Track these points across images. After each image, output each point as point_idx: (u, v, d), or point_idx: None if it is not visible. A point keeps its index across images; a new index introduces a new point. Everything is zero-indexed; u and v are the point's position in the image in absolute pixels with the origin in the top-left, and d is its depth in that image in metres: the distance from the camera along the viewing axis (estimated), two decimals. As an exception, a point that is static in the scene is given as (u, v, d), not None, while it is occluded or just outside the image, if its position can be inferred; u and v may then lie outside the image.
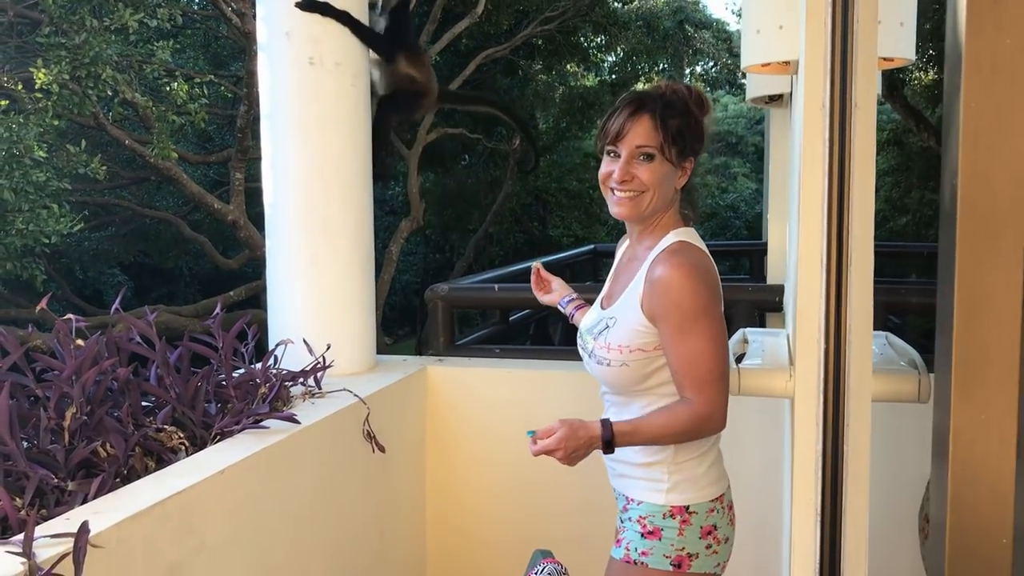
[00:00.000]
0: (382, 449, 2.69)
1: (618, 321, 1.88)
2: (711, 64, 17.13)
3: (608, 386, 1.94)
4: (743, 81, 19.30)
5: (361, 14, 2.93)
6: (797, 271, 1.78)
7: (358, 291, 2.99)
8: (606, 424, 1.80)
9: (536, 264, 2.26)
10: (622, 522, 1.96)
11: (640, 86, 16.12)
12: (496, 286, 3.49)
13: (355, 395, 2.62)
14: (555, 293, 2.26)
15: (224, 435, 2.25)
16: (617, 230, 15.34)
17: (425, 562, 3.16)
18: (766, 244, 4.02)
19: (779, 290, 3.11)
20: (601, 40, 13.45)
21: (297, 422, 2.32)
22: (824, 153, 1.72)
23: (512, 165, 11.61)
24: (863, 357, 1.71)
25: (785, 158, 3.12)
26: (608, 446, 1.79)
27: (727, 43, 17.78)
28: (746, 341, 2.49)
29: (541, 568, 1.73)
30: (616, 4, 12.76)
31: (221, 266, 10.59)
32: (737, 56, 18.85)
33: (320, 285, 2.91)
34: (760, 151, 23.26)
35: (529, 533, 3.05)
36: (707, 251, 1.88)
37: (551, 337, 5.52)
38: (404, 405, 3.00)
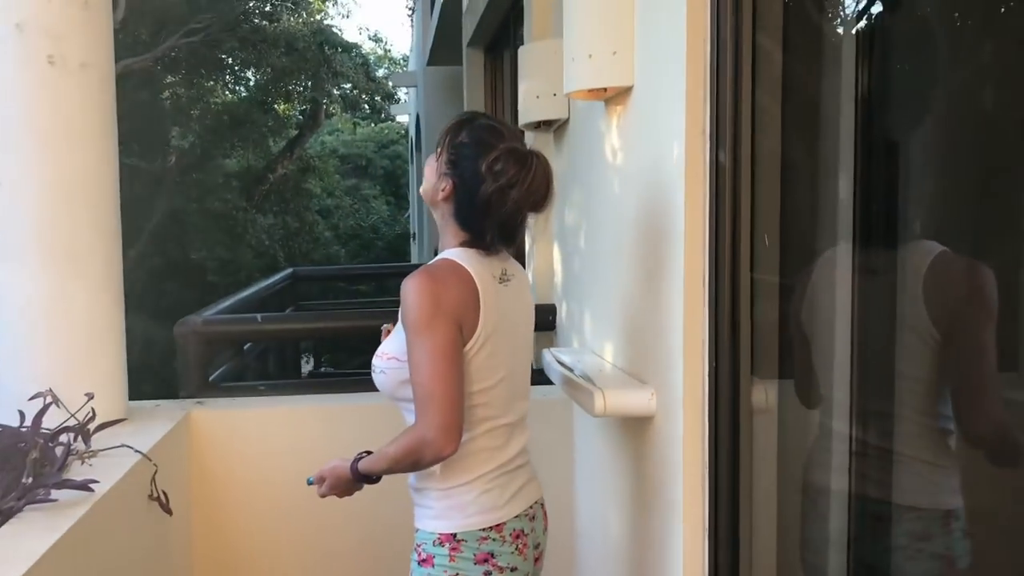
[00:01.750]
0: (169, 511, 2.33)
1: (394, 331, 1.89)
2: (350, 87, 17.19)
3: (380, 391, 1.91)
4: (382, 104, 19.62)
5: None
6: (683, 292, 1.82)
7: (111, 329, 2.57)
8: (355, 460, 1.86)
9: (387, 326, 2.06)
10: None
11: (283, 105, 15.78)
12: (259, 316, 3.16)
13: (137, 451, 2.24)
14: None
15: (4, 515, 1.81)
16: (263, 252, 14.59)
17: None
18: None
19: (551, 310, 3.18)
20: (247, 56, 12.94)
21: (91, 490, 1.93)
22: (705, 176, 1.79)
23: (169, 184, 10.76)
24: (746, 370, 1.80)
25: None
26: (360, 476, 1.84)
27: (364, 67, 17.99)
28: (562, 363, 2.51)
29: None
30: (263, 22, 12.37)
31: None
32: (375, 80, 19.03)
33: (68, 323, 2.46)
34: (388, 173, 23.82)
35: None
36: (482, 276, 1.80)
37: (292, 376, 5.13)
38: (172, 457, 2.62)
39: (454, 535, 1.79)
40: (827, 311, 1.92)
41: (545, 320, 3.16)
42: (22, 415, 2.23)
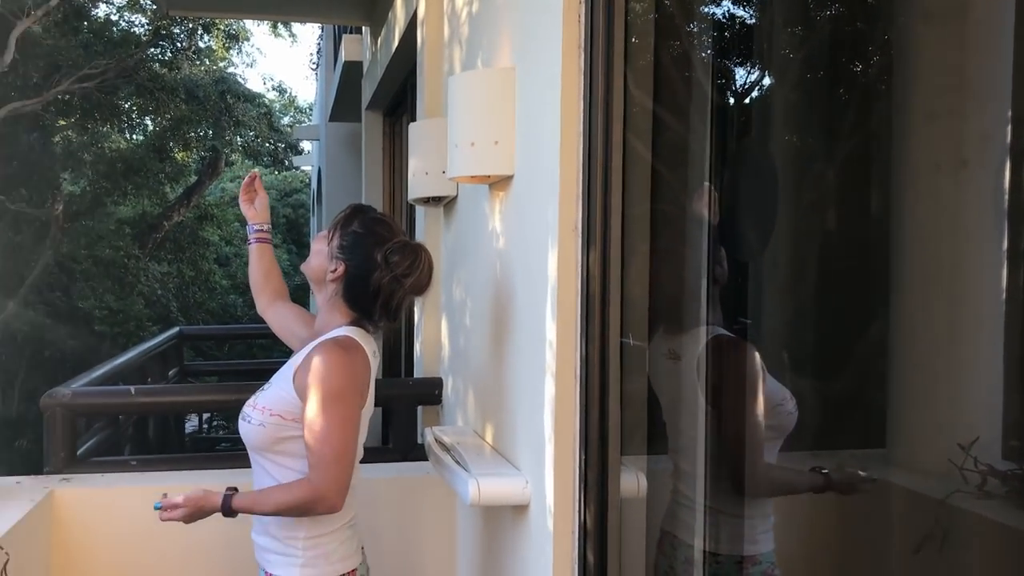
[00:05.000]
0: (23, 601, 2.21)
1: (272, 386, 2.03)
2: (252, 135, 16.97)
3: (245, 442, 2.03)
4: (285, 155, 19.46)
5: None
6: (555, 380, 1.84)
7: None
8: (227, 496, 1.97)
9: (255, 171, 2.39)
10: None
11: (181, 152, 15.48)
12: (132, 388, 3.03)
13: (-10, 538, 2.13)
14: (255, 211, 2.34)
15: None
16: (155, 301, 14.07)
17: None
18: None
19: (437, 383, 3.17)
20: (144, 103, 12.68)
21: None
22: (577, 270, 1.83)
23: (54, 233, 10.38)
24: (615, 458, 1.82)
25: (438, 255, 3.21)
26: (228, 512, 1.97)
27: (267, 117, 17.82)
28: (439, 442, 2.50)
29: None
30: (163, 69, 12.16)
31: None
32: (278, 131, 18.83)
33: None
34: (291, 222, 23.53)
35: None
36: (370, 353, 2.02)
37: (175, 439, 4.89)
38: (31, 541, 2.49)
39: None
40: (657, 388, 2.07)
41: (431, 394, 3.15)
42: None
